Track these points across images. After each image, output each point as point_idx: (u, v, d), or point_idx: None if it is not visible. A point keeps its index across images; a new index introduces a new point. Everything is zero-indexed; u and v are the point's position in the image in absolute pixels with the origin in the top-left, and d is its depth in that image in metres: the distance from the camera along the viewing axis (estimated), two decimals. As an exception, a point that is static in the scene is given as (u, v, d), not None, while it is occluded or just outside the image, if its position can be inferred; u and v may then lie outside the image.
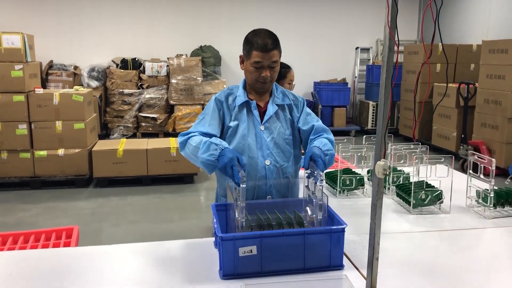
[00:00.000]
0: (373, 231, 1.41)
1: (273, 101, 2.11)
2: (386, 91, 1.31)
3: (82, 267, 1.70)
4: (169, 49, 8.40)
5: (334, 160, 2.03)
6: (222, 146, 1.86)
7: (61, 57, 8.05)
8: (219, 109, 2.08)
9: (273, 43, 1.99)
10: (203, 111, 2.12)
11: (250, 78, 2.06)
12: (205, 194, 5.35)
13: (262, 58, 1.98)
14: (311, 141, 2.08)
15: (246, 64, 2.04)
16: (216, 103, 2.09)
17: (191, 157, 1.98)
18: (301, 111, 2.16)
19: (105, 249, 1.87)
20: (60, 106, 5.41)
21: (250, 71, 2.03)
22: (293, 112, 2.14)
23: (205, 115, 2.08)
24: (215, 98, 2.10)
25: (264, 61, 1.98)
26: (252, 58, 1.99)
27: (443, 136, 7.17)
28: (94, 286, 1.56)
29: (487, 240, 2.03)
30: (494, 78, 6.10)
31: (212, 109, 2.07)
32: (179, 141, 2.04)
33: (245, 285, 1.53)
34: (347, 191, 2.58)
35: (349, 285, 1.54)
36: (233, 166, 1.75)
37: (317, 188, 1.73)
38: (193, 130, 2.04)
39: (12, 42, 5.24)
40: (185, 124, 7.68)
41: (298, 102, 2.17)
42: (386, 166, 1.34)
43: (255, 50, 1.97)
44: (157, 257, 1.77)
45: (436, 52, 7.21)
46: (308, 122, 2.13)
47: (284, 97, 2.15)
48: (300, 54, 8.79)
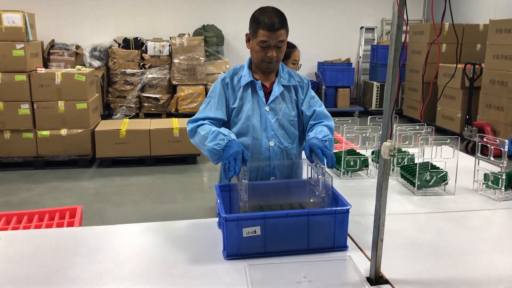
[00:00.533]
0: (378, 212, 1.40)
1: (279, 82, 2.07)
2: (394, 71, 1.28)
3: (85, 246, 1.70)
4: (172, 28, 8.31)
5: (333, 145, 2.02)
6: (229, 137, 1.85)
7: (63, 37, 7.97)
8: (225, 91, 2.05)
9: (280, 22, 1.94)
10: (209, 93, 2.08)
11: (256, 57, 2.02)
12: (208, 175, 5.35)
13: (269, 38, 1.93)
14: (310, 126, 2.07)
15: (252, 43, 2.00)
16: (222, 85, 2.05)
17: (199, 146, 1.98)
18: (305, 93, 2.13)
19: (108, 229, 1.87)
20: (62, 86, 5.38)
21: (256, 50, 1.99)
22: (298, 94, 2.11)
23: (212, 98, 2.05)
24: (221, 80, 2.07)
25: (271, 41, 1.94)
26: (258, 37, 1.95)
27: (447, 117, 7.12)
28: (97, 265, 1.56)
29: (494, 222, 2.02)
30: (501, 59, 6.02)
31: (218, 91, 2.04)
32: (188, 128, 2.02)
33: (248, 265, 1.53)
34: (351, 172, 2.56)
35: (353, 266, 1.54)
36: (236, 159, 1.73)
37: (321, 171, 1.72)
38: (201, 116, 2.01)
39: (12, 21, 5.18)
40: (187, 105, 7.64)
41: (303, 83, 2.14)
42: (392, 147, 1.32)
43: (262, 29, 1.93)
44: (160, 237, 1.77)
45: (442, 32, 7.11)
46: (311, 106, 2.10)
47: (290, 78, 2.11)
48: (304, 33, 8.68)
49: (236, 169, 1.71)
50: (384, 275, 1.48)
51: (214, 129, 1.90)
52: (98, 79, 7.13)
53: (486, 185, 2.25)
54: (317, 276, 1.48)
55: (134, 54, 7.72)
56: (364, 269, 1.50)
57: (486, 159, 2.26)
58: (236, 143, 1.84)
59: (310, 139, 1.92)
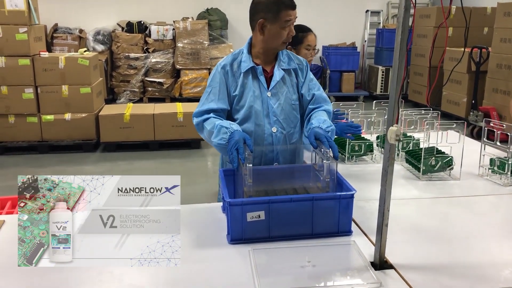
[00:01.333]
0: (383, 197, 1.39)
1: (279, 66, 2.04)
2: (401, 54, 1.26)
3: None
4: (175, 12, 8.23)
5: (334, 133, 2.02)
6: (231, 129, 1.85)
7: (66, 21, 7.92)
8: (226, 79, 2.01)
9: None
10: (209, 82, 2.05)
11: (276, 42, 1.98)
12: (212, 160, 5.36)
13: (292, 15, 1.95)
14: (310, 111, 2.07)
15: (272, 28, 1.95)
16: (222, 73, 2.01)
17: (209, 141, 1.98)
18: (305, 76, 2.11)
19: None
20: (66, 70, 5.36)
21: (278, 33, 1.95)
22: (298, 77, 2.10)
23: (212, 87, 2.01)
24: (221, 68, 2.02)
25: (293, 18, 1.96)
26: (282, 18, 1.93)
27: (453, 102, 7.07)
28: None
29: (500, 207, 2.01)
30: (508, 42, 5.94)
31: (219, 80, 2.00)
32: (195, 123, 2.01)
33: (252, 249, 1.53)
34: (356, 157, 2.55)
35: (358, 250, 1.54)
36: (238, 148, 1.74)
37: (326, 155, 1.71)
38: (204, 109, 1.99)
39: (15, 4, 5.15)
40: (191, 89, 7.61)
41: (302, 66, 2.12)
42: (398, 131, 1.30)
43: (285, 9, 1.92)
44: (165, 221, 1.77)
45: (449, 15, 7.00)
46: (310, 89, 2.10)
47: (289, 61, 2.08)
48: (308, 17, 8.54)
49: (240, 158, 1.71)
50: (389, 260, 1.48)
51: (217, 122, 1.90)
52: (101, 63, 7.10)
53: (492, 170, 2.23)
54: (321, 260, 1.48)
55: (137, 38, 7.67)
56: (368, 254, 1.50)
57: (492, 144, 2.24)
58: (237, 132, 1.84)
59: (314, 128, 1.90)
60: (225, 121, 1.92)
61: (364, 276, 1.40)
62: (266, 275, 1.39)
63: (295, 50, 2.69)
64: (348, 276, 1.41)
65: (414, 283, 1.37)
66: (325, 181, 1.72)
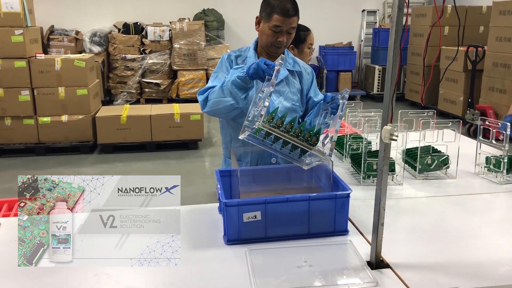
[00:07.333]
0: (379, 196, 1.39)
1: (284, 66, 2.08)
2: (395, 53, 1.26)
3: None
4: (172, 13, 8.23)
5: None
6: (245, 66, 1.81)
7: (62, 22, 7.91)
8: (232, 67, 2.04)
9: (295, 9, 1.95)
10: (216, 68, 2.08)
11: (265, 41, 2.02)
12: (210, 160, 5.36)
13: (282, 23, 1.94)
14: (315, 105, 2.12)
15: (264, 26, 2.00)
16: (228, 61, 2.07)
17: (217, 101, 1.88)
18: (311, 82, 2.17)
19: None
20: (62, 72, 5.35)
21: (267, 34, 1.99)
22: (302, 82, 2.14)
23: (219, 72, 2.05)
24: (226, 57, 2.08)
25: (284, 26, 1.95)
26: (271, 22, 1.95)
27: (449, 101, 7.08)
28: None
29: (496, 205, 2.01)
30: (504, 41, 5.95)
31: (225, 67, 2.05)
32: (200, 99, 1.97)
33: (249, 250, 1.53)
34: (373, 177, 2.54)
35: (354, 250, 1.54)
36: (265, 62, 1.69)
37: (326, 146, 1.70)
38: (210, 85, 1.99)
39: (11, 6, 5.14)
40: (188, 90, 7.61)
41: (308, 72, 2.18)
42: (393, 131, 1.31)
43: (276, 14, 1.93)
44: (161, 222, 1.77)
45: (444, 14, 7.02)
46: (317, 95, 2.17)
47: (294, 64, 2.14)
48: (305, 17, 8.57)
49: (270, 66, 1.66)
50: (385, 259, 1.48)
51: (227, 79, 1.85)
52: (98, 64, 7.09)
53: (488, 168, 2.24)
54: (318, 260, 1.48)
55: (134, 39, 7.66)
56: (364, 253, 1.50)
57: (488, 142, 2.25)
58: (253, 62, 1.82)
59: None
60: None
61: (360, 275, 1.40)
62: (263, 276, 1.39)
63: (297, 50, 2.71)
64: (345, 276, 1.42)
65: (410, 282, 1.37)
66: (321, 181, 1.72)
